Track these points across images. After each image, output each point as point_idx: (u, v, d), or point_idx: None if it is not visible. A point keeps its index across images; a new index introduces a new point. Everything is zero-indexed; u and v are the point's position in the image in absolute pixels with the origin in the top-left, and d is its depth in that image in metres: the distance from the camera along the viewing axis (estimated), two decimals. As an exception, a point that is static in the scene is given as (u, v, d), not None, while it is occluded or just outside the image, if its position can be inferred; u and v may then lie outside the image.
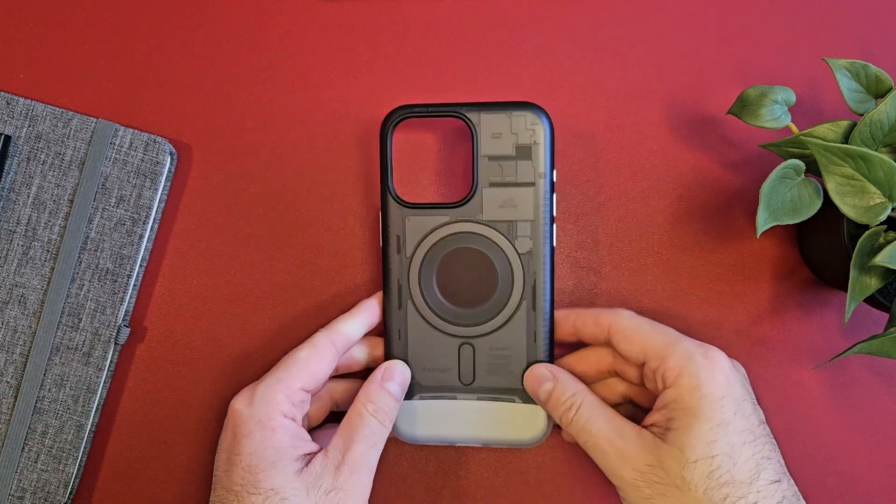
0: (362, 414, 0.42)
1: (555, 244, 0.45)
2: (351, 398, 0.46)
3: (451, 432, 0.45)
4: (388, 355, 0.45)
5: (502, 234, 0.44)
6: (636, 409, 0.46)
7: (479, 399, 0.45)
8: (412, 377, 0.45)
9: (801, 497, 0.39)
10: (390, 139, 0.44)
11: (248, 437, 0.40)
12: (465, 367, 0.45)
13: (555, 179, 0.45)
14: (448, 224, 0.44)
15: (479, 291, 0.44)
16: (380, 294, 0.46)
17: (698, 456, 0.38)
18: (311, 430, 0.46)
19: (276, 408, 0.41)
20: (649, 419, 0.41)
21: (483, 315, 0.44)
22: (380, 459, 0.49)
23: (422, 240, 0.44)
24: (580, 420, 0.41)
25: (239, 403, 0.41)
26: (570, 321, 0.44)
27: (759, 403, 0.50)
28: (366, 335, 0.46)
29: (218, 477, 0.41)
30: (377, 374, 0.44)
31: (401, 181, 0.50)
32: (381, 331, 0.46)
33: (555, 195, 0.45)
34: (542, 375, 0.43)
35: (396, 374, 0.44)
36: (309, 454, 0.41)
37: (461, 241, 0.44)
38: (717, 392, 0.39)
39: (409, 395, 0.45)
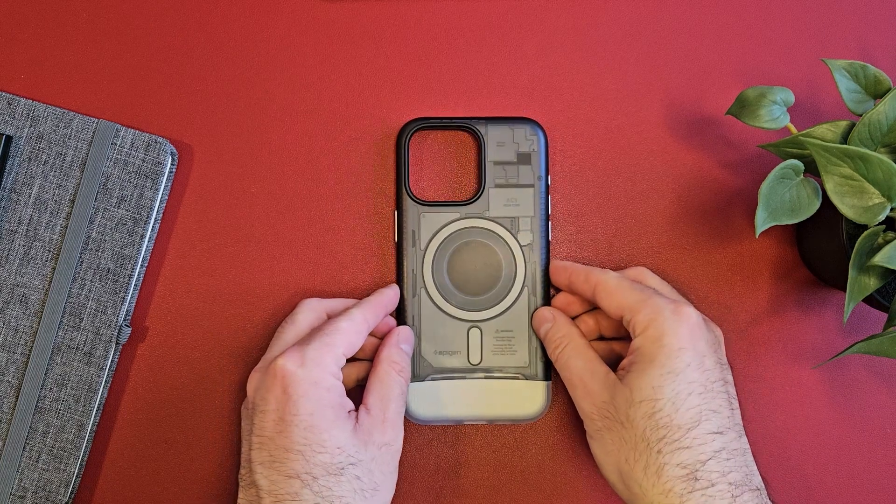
0: (390, 374, 0.45)
1: (550, 238, 0.49)
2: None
3: (460, 411, 0.48)
4: None
5: (506, 229, 0.49)
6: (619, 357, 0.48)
7: (486, 378, 0.48)
8: (424, 360, 0.48)
9: (750, 455, 0.42)
10: (406, 147, 0.49)
11: (305, 398, 0.41)
12: (472, 349, 0.48)
13: (549, 182, 0.49)
14: (459, 220, 0.49)
15: (486, 279, 0.49)
16: (395, 285, 0.49)
17: (643, 398, 0.41)
18: None
19: (326, 369, 0.42)
20: (621, 365, 0.44)
21: (489, 301, 0.49)
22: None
23: (435, 234, 0.49)
24: (563, 357, 0.46)
25: (290, 364, 0.42)
26: (567, 273, 0.48)
27: (758, 403, 0.50)
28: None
29: (265, 438, 0.42)
30: (393, 337, 0.47)
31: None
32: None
33: (549, 195, 0.49)
34: (545, 317, 0.48)
35: (410, 337, 0.48)
36: (351, 411, 0.43)
37: (470, 235, 0.49)
38: (676, 343, 0.42)
39: (420, 378, 0.48)
